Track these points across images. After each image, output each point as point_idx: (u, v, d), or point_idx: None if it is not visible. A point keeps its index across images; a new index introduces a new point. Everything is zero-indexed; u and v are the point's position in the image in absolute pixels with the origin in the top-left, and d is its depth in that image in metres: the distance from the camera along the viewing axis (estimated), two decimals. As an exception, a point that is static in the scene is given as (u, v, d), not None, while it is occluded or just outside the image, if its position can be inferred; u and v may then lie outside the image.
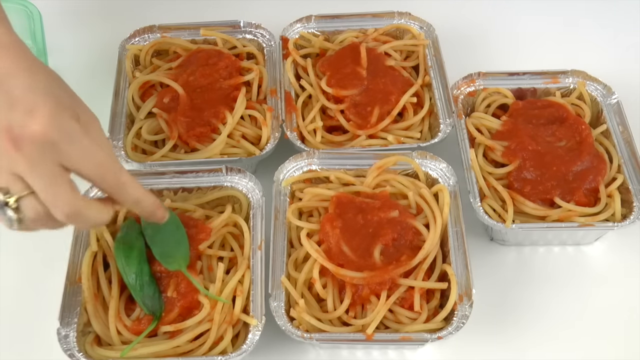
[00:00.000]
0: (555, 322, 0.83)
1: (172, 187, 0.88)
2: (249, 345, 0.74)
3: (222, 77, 0.96)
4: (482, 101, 0.96)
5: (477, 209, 0.84)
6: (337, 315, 0.78)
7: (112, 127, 0.92)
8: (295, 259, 0.82)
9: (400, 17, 1.04)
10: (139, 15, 1.10)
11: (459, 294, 0.78)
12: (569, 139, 0.90)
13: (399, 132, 0.94)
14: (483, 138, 0.91)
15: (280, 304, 0.78)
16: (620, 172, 0.88)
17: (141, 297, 0.78)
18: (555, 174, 0.87)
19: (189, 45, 1.01)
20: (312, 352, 0.81)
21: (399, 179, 0.88)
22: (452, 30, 1.07)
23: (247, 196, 0.87)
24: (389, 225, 0.81)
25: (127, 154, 0.91)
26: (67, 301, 0.77)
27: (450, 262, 0.81)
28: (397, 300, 0.79)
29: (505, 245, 0.89)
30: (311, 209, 0.87)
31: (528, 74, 0.97)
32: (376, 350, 0.81)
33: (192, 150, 0.92)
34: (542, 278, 0.87)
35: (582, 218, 0.84)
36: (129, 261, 0.79)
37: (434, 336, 0.75)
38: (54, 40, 1.05)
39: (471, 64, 0.98)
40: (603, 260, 0.88)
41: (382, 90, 0.95)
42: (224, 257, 0.82)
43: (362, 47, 0.97)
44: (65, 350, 0.74)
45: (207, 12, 1.12)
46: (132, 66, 1.00)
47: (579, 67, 0.96)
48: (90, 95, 1.02)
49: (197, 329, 0.77)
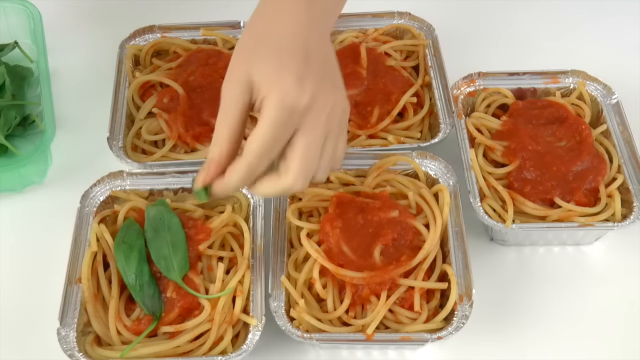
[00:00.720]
0: (556, 322, 0.83)
1: (172, 187, 0.88)
2: (249, 345, 0.75)
3: (222, 77, 0.94)
4: (482, 101, 0.96)
5: (477, 209, 0.84)
6: (337, 315, 0.78)
7: (112, 127, 0.92)
8: (295, 259, 0.82)
9: (400, 17, 1.04)
10: (139, 15, 1.10)
11: (459, 294, 0.78)
12: (569, 139, 0.90)
13: (399, 132, 0.94)
14: (483, 138, 0.91)
15: (280, 304, 0.78)
16: (620, 172, 0.88)
17: (141, 297, 0.78)
18: (555, 174, 0.87)
19: (189, 45, 1.01)
20: (312, 352, 0.81)
21: (399, 179, 0.88)
22: (452, 30, 1.06)
23: (247, 196, 0.87)
24: (389, 225, 0.81)
25: (127, 154, 0.91)
26: (67, 301, 0.77)
27: (450, 262, 0.81)
28: (397, 300, 0.79)
29: (505, 245, 0.89)
30: (311, 209, 0.87)
31: (528, 74, 0.97)
32: (376, 350, 0.81)
33: (192, 150, 0.92)
34: (542, 278, 0.87)
35: (582, 218, 0.84)
36: (129, 261, 0.79)
37: (434, 336, 0.75)
38: (54, 40, 1.05)
39: (471, 64, 0.98)
40: (603, 260, 0.88)
41: (382, 90, 0.95)
42: (224, 257, 0.82)
43: (362, 47, 0.97)
44: (65, 350, 0.74)
45: (207, 12, 1.12)
46: (132, 66, 1.00)
47: (579, 67, 0.96)
48: (90, 95, 1.04)
49: (197, 329, 0.77)
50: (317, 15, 0.69)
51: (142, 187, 0.88)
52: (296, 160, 0.67)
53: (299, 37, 0.67)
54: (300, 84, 0.64)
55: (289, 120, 0.65)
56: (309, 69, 0.66)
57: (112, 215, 0.85)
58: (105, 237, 0.81)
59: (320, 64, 0.67)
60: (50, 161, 0.96)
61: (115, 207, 0.85)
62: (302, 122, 0.66)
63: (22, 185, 0.93)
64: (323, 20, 0.70)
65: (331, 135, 0.69)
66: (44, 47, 1.00)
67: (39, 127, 0.96)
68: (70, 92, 1.04)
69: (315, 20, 0.68)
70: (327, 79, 0.68)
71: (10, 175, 0.91)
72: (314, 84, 0.65)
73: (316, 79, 0.66)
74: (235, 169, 0.68)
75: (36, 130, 0.97)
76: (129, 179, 0.87)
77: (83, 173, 0.90)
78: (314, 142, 0.67)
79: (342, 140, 0.71)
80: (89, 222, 0.84)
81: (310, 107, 0.65)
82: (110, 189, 0.87)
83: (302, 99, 0.64)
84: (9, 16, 1.05)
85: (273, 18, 0.69)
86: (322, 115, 0.67)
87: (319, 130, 0.67)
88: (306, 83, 0.65)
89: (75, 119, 1.01)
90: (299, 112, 0.65)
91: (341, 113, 0.70)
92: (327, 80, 0.68)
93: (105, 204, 0.86)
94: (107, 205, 0.86)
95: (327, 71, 0.69)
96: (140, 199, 0.87)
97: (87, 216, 0.84)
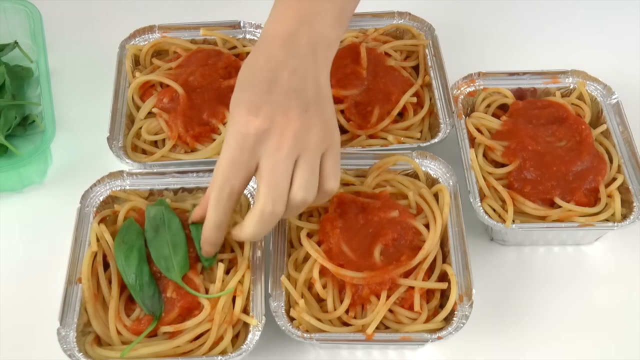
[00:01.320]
0: (556, 322, 0.83)
1: (172, 187, 0.88)
2: (249, 345, 0.74)
3: (222, 77, 0.96)
4: (482, 101, 0.96)
5: (477, 209, 0.84)
6: (337, 315, 0.78)
7: (112, 127, 0.92)
8: (295, 259, 0.82)
9: (400, 17, 1.04)
10: (139, 15, 1.10)
11: (459, 294, 0.78)
12: (569, 139, 0.90)
13: (399, 132, 0.94)
14: (483, 138, 0.91)
15: (280, 304, 0.78)
16: (620, 172, 0.88)
17: (141, 297, 0.78)
18: (555, 174, 0.87)
19: (189, 45, 1.01)
20: (312, 352, 0.81)
21: (399, 179, 0.88)
22: (452, 30, 1.06)
23: (247, 196, 0.86)
24: (389, 225, 0.81)
25: (127, 154, 0.91)
26: (67, 301, 0.77)
27: (450, 262, 0.81)
28: (397, 300, 0.79)
29: (505, 245, 0.89)
30: (311, 209, 0.87)
31: (528, 74, 0.97)
32: (376, 350, 0.81)
33: (192, 150, 0.92)
34: (542, 278, 0.87)
35: (582, 218, 0.84)
36: (129, 261, 0.79)
37: (434, 336, 0.75)
38: (54, 40, 1.05)
39: (471, 64, 0.98)
40: (603, 260, 0.88)
41: (382, 90, 0.95)
42: (224, 258, 0.82)
43: (362, 47, 0.97)
44: (65, 350, 0.74)
45: (207, 12, 1.12)
46: (132, 66, 1.00)
47: (579, 67, 0.96)
48: (90, 95, 1.04)
49: (197, 329, 0.77)
50: (299, 48, 0.72)
51: (142, 187, 0.88)
52: (262, 181, 0.70)
53: (266, 71, 0.71)
54: (253, 111, 0.69)
55: (244, 146, 0.69)
56: (267, 98, 0.69)
57: (112, 215, 0.85)
58: (105, 237, 0.81)
59: (287, 94, 0.70)
60: (50, 161, 0.96)
61: (115, 207, 0.85)
62: (263, 147, 0.69)
63: (22, 185, 0.93)
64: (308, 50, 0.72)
65: (306, 155, 0.70)
66: (44, 47, 1.00)
67: (39, 127, 0.96)
68: (70, 92, 1.04)
69: (294, 52, 0.71)
70: (295, 105, 0.70)
71: (10, 175, 0.91)
72: (269, 110, 0.69)
73: (275, 106, 0.69)
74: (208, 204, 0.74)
75: (36, 130, 0.97)
76: (129, 179, 0.87)
77: (83, 173, 0.90)
78: (278, 162, 0.69)
79: (330, 159, 0.72)
80: (89, 222, 0.84)
81: (267, 130, 0.69)
82: (110, 189, 0.87)
83: (253, 123, 0.69)
84: (9, 16, 1.06)
85: (256, 54, 0.74)
86: (284, 137, 0.69)
87: (283, 152, 0.69)
88: (261, 110, 0.69)
89: (75, 119, 1.01)
90: (254, 136, 0.69)
91: (320, 134, 0.71)
92: (295, 106, 0.70)
93: (105, 204, 0.86)
94: (107, 205, 0.86)
95: (302, 100, 0.70)
96: (140, 199, 0.87)
97: (87, 216, 0.84)
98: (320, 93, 0.73)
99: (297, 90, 0.70)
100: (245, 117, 0.69)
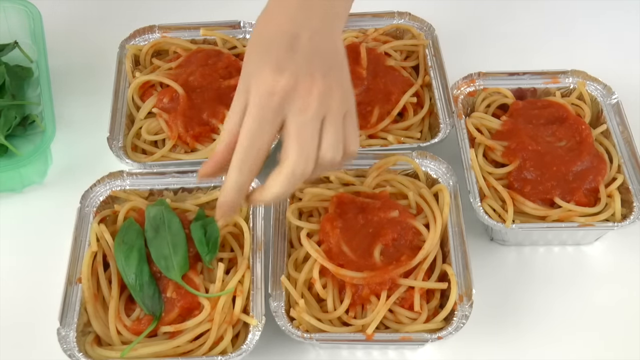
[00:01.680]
0: (556, 322, 0.83)
1: (172, 187, 0.88)
2: (249, 345, 0.74)
3: (222, 77, 0.96)
4: (482, 101, 0.96)
5: (477, 209, 0.84)
6: (337, 315, 0.78)
7: (112, 127, 0.92)
8: (295, 259, 0.82)
9: (400, 17, 1.04)
10: (139, 15, 1.10)
11: (459, 294, 0.78)
12: (569, 139, 0.90)
13: (399, 132, 0.94)
14: (483, 138, 0.91)
15: (280, 304, 0.78)
16: (620, 172, 0.88)
17: (141, 297, 0.78)
18: (555, 174, 0.87)
19: (189, 45, 1.01)
20: (312, 352, 0.81)
21: (399, 179, 0.88)
22: (452, 30, 1.06)
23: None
24: (389, 225, 0.81)
25: (127, 154, 0.91)
26: (67, 301, 0.77)
27: (450, 262, 0.81)
28: (397, 300, 0.79)
29: (506, 245, 0.89)
30: (311, 209, 0.87)
31: (528, 74, 0.97)
32: (376, 350, 0.81)
33: (192, 150, 0.92)
34: (542, 278, 0.87)
35: (582, 218, 0.84)
36: (129, 261, 0.79)
37: (434, 336, 0.75)
38: (54, 40, 1.05)
39: (471, 64, 0.98)
40: (603, 260, 0.88)
41: (382, 90, 0.95)
42: (224, 258, 0.82)
43: (362, 47, 0.97)
44: (65, 350, 0.74)
45: (207, 12, 1.12)
46: (132, 66, 1.00)
47: (579, 67, 0.96)
48: (90, 95, 1.04)
49: (197, 329, 0.77)
50: (315, 13, 0.71)
51: (142, 187, 0.88)
52: (290, 141, 0.68)
53: (287, 31, 0.69)
54: (278, 71, 0.67)
55: (270, 105, 0.67)
56: (292, 58, 0.68)
57: (112, 215, 0.85)
58: (105, 237, 0.81)
59: (310, 56, 0.69)
60: (50, 161, 0.96)
61: (115, 207, 0.85)
62: (289, 107, 0.68)
63: (22, 185, 0.93)
64: (323, 16, 0.71)
65: (330, 117, 0.69)
66: (44, 47, 1.00)
67: (39, 127, 0.96)
68: (70, 92, 1.04)
69: (310, 16, 0.70)
70: (319, 67, 0.69)
71: (10, 175, 0.91)
72: (295, 70, 0.68)
73: (300, 66, 0.68)
74: (230, 166, 0.70)
75: (36, 130, 0.97)
76: (129, 179, 0.87)
77: (83, 173, 0.90)
78: (305, 122, 0.68)
79: (350, 123, 0.72)
80: (89, 222, 0.84)
81: (292, 90, 0.67)
82: (110, 189, 0.87)
83: (279, 83, 0.67)
84: (9, 16, 1.05)
85: (269, 18, 0.72)
86: (311, 98, 0.68)
87: (309, 112, 0.68)
88: (285, 69, 0.67)
89: (75, 119, 1.01)
90: (280, 95, 0.67)
91: (340, 97, 0.70)
92: (318, 68, 0.69)
93: (105, 204, 0.86)
94: (107, 205, 0.86)
95: (324, 62, 0.70)
96: (140, 199, 0.87)
97: (87, 216, 0.84)
98: (337, 57, 0.72)
99: (319, 51, 0.70)
100: (270, 76, 0.67)
